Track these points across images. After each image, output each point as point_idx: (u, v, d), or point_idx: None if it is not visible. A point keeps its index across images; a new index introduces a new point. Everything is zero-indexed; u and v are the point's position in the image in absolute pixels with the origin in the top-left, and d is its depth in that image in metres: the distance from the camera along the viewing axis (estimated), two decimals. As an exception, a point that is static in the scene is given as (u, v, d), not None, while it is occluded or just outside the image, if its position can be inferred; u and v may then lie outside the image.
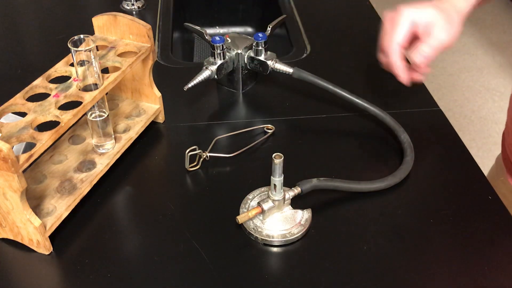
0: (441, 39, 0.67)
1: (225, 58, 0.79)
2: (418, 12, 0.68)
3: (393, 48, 0.69)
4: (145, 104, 0.76)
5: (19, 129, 0.55)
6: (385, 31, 0.71)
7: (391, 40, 0.69)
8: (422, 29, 0.68)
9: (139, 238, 0.61)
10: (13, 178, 0.52)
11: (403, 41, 0.68)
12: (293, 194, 0.61)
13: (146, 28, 0.67)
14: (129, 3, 1.10)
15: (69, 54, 0.64)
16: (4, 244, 0.60)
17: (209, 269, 0.57)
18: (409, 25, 0.68)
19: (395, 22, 0.69)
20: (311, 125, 0.78)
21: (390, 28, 0.69)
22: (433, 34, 0.67)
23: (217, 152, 0.71)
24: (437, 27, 0.67)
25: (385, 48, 0.70)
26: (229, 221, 0.61)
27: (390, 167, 0.69)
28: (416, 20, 0.68)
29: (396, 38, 0.68)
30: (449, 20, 0.68)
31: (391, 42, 0.69)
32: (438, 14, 0.67)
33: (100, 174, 0.65)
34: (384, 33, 0.71)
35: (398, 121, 0.73)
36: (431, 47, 0.67)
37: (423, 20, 0.68)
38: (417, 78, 0.73)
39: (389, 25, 0.70)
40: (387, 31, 0.70)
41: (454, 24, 0.68)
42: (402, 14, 0.68)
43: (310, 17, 1.07)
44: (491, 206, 0.64)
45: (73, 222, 0.62)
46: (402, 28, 0.68)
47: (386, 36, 0.70)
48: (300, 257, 0.59)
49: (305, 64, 0.90)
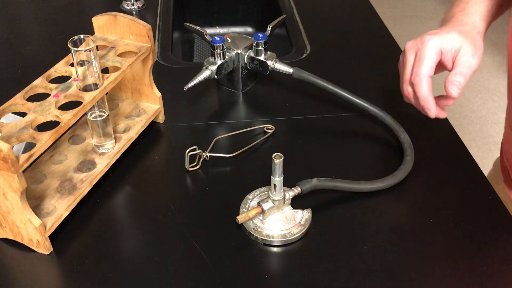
0: (472, 65, 0.64)
1: (225, 58, 0.79)
2: (443, 40, 0.64)
3: (423, 80, 0.64)
4: (145, 104, 0.76)
5: (19, 129, 0.55)
6: (408, 62, 0.67)
7: (420, 73, 0.64)
8: (450, 57, 0.65)
9: (139, 238, 0.61)
10: (13, 178, 0.52)
11: (432, 73, 0.65)
12: (293, 194, 0.61)
13: (146, 28, 0.67)
14: (129, 3, 1.10)
15: (69, 54, 0.64)
16: (4, 244, 0.60)
17: (209, 269, 0.57)
18: (436, 55, 0.64)
19: (422, 53, 0.64)
20: (311, 125, 0.78)
21: (418, 60, 0.65)
22: (463, 61, 0.64)
23: (217, 152, 0.71)
24: (466, 53, 0.64)
25: (413, 80, 0.65)
26: (229, 221, 0.61)
27: (390, 167, 0.69)
28: (442, 48, 0.64)
29: (424, 70, 0.64)
30: (475, 43, 0.65)
31: (420, 74, 0.64)
32: (464, 39, 0.65)
33: (100, 174, 0.65)
34: (406, 64, 0.67)
35: (398, 121, 0.73)
36: (464, 75, 0.63)
37: (449, 47, 0.64)
38: (442, 115, 0.69)
39: (411, 55, 0.66)
40: (411, 62, 0.66)
41: (479, 47, 0.66)
42: (428, 43, 0.64)
43: (310, 17, 1.07)
44: (491, 206, 0.64)
45: (73, 222, 0.62)
46: (430, 59, 0.64)
47: (412, 67, 0.66)
48: (300, 257, 0.59)
49: (305, 64, 0.90)
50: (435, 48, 0.64)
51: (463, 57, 0.64)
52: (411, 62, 0.66)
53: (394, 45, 0.98)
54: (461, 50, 0.64)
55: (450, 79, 0.64)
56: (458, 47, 0.64)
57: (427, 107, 0.65)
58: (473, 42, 0.65)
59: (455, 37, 0.65)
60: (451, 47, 0.64)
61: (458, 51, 0.64)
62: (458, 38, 0.65)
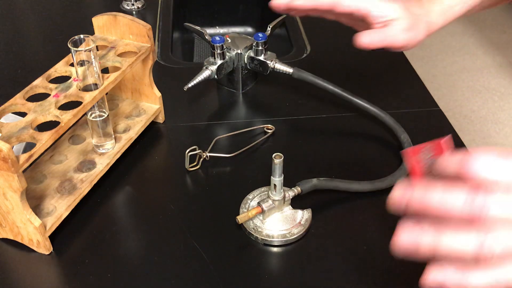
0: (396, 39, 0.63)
1: (225, 58, 0.79)
2: (381, 4, 0.63)
3: None
4: (145, 104, 0.76)
5: (19, 129, 0.55)
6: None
7: None
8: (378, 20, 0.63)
9: (139, 238, 0.61)
10: (13, 178, 0.52)
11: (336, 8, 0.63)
12: (293, 194, 0.61)
13: (146, 28, 0.67)
14: (129, 3, 1.10)
15: (69, 54, 0.64)
16: (4, 244, 0.60)
17: (209, 269, 0.57)
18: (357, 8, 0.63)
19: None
20: (311, 125, 0.78)
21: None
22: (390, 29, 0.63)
23: (217, 152, 0.71)
24: (397, 26, 0.62)
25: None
26: (229, 221, 0.61)
27: (390, 167, 0.68)
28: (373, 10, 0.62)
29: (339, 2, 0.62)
30: (414, 26, 0.63)
31: None
32: (405, 15, 0.63)
33: (100, 174, 0.65)
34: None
35: (398, 121, 0.73)
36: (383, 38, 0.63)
37: (383, 13, 0.62)
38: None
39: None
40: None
41: (418, 33, 0.64)
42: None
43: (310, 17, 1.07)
44: (491, 206, 0.64)
45: (73, 222, 0.62)
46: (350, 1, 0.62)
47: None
48: (300, 257, 0.59)
49: (305, 64, 0.90)
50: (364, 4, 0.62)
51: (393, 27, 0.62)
52: None
53: (394, 45, 0.97)
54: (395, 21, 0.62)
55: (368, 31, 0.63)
56: (392, 18, 0.62)
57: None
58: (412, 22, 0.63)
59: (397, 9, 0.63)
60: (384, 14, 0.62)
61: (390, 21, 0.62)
62: (399, 11, 0.63)
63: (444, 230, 0.34)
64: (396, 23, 0.63)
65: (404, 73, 0.90)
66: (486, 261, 0.33)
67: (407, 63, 0.92)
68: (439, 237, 0.34)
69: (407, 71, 0.90)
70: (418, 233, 0.35)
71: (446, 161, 0.36)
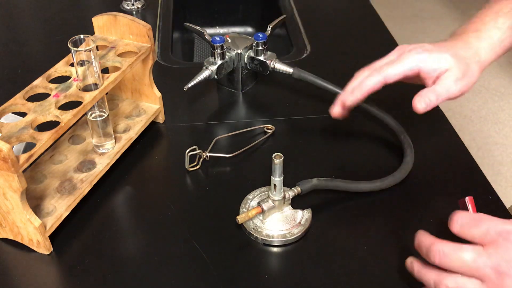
0: (451, 90, 0.61)
1: (225, 58, 0.79)
2: (431, 59, 0.62)
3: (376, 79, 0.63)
4: (145, 104, 0.76)
5: (19, 129, 0.55)
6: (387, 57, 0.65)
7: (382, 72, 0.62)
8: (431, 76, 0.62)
9: (139, 238, 0.61)
10: (13, 178, 0.52)
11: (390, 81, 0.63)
12: (293, 194, 0.61)
13: (146, 28, 0.67)
14: (129, 3, 1.10)
15: (69, 54, 0.64)
16: (4, 244, 0.60)
17: (209, 269, 0.57)
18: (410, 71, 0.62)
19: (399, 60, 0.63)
20: (311, 125, 0.78)
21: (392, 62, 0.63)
22: (443, 82, 0.61)
23: (217, 152, 0.71)
24: (450, 76, 0.61)
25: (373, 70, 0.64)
26: (229, 221, 0.61)
27: (390, 167, 0.68)
28: (422, 67, 0.62)
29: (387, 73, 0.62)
30: (466, 71, 0.62)
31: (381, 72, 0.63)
32: (456, 62, 0.62)
33: (100, 174, 0.65)
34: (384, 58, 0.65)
35: (398, 121, 0.73)
36: (438, 95, 0.61)
37: (433, 68, 0.62)
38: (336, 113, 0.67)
39: (395, 53, 0.65)
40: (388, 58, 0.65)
41: (471, 76, 0.62)
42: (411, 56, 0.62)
43: (310, 17, 1.07)
44: (491, 206, 0.64)
45: (73, 222, 0.62)
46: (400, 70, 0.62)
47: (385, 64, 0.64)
48: (300, 257, 0.59)
49: (305, 64, 0.90)
50: (413, 64, 0.62)
51: (445, 79, 0.62)
52: (388, 59, 0.65)
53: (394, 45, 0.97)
54: (447, 72, 0.62)
55: (422, 93, 0.62)
56: (444, 69, 0.62)
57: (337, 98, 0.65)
58: (464, 68, 0.62)
59: (446, 59, 0.62)
60: (435, 68, 0.62)
61: (443, 72, 0.62)
62: (449, 60, 0.62)
63: None
64: (449, 74, 0.62)
65: (404, 73, 0.90)
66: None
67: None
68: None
69: (407, 71, 0.90)
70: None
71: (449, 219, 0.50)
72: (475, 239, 0.48)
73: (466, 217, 0.49)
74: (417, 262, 0.52)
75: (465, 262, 0.47)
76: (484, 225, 0.47)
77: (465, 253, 0.47)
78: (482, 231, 0.47)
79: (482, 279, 0.46)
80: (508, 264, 0.45)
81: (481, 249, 0.47)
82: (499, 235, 0.46)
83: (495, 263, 0.46)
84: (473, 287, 0.47)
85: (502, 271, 0.45)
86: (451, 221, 0.50)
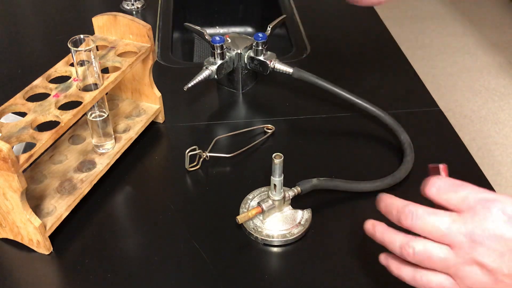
0: None
1: (225, 58, 0.79)
2: None
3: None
4: (145, 104, 0.76)
5: (19, 129, 0.55)
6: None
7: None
8: None
9: (139, 238, 0.61)
10: (13, 178, 0.52)
11: None
12: (293, 194, 0.61)
13: (146, 28, 0.67)
14: (129, 3, 1.10)
15: (69, 54, 0.64)
16: (4, 244, 0.60)
17: (209, 269, 0.57)
18: None
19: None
20: (311, 125, 0.78)
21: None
22: None
23: (217, 152, 0.71)
24: None
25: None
26: (229, 221, 0.61)
27: (390, 167, 0.68)
28: None
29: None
30: None
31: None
32: None
33: (100, 174, 0.65)
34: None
35: (398, 121, 0.73)
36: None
37: None
38: None
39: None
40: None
41: None
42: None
43: (310, 17, 1.07)
44: (491, 206, 0.64)
45: (73, 222, 0.62)
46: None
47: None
48: (300, 257, 0.59)
49: (305, 64, 0.90)
50: None
51: None
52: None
53: (394, 45, 0.98)
54: None
55: None
56: None
57: None
58: None
59: None
60: None
61: None
62: None
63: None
64: None
65: (404, 73, 0.90)
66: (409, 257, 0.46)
67: (407, 63, 0.92)
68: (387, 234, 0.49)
69: (407, 71, 0.90)
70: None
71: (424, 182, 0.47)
72: (450, 205, 0.45)
73: (445, 182, 0.45)
74: (380, 224, 0.49)
75: (438, 226, 0.44)
76: (463, 191, 0.44)
77: (439, 217, 0.44)
78: (460, 196, 0.44)
79: (452, 245, 0.44)
80: (484, 232, 0.42)
81: (456, 215, 0.44)
82: (478, 203, 0.43)
83: (470, 231, 0.43)
84: (442, 252, 0.44)
85: (476, 239, 0.42)
86: (427, 185, 0.46)
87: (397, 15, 2.81)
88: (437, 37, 2.65)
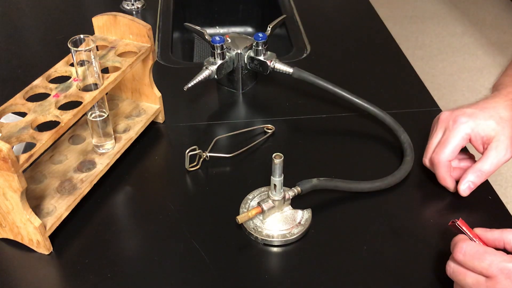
0: (501, 159, 0.61)
1: (225, 58, 0.79)
2: (478, 126, 0.62)
3: (441, 164, 0.63)
4: (145, 104, 0.76)
5: (19, 129, 0.55)
6: (435, 137, 0.65)
7: (440, 158, 0.63)
8: (480, 142, 0.63)
9: (139, 238, 0.61)
10: (13, 178, 0.52)
11: (453, 157, 0.63)
12: (293, 194, 0.61)
13: (146, 28, 0.67)
14: (129, 3, 1.10)
15: (69, 54, 0.64)
16: (4, 244, 0.60)
17: (209, 269, 0.57)
18: (462, 140, 0.62)
19: (450, 136, 0.63)
20: (311, 125, 0.78)
21: (443, 141, 0.63)
22: (491, 154, 0.61)
23: (217, 152, 0.71)
24: (498, 145, 0.61)
25: (433, 159, 0.64)
26: (229, 221, 0.61)
27: (390, 167, 0.69)
28: (473, 134, 0.62)
29: (445, 156, 0.62)
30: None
31: (440, 159, 0.63)
32: (501, 128, 0.61)
33: (100, 174, 0.65)
34: (433, 138, 0.65)
35: (398, 121, 0.73)
36: (482, 174, 0.62)
37: (481, 134, 0.62)
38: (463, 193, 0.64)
39: (441, 130, 0.65)
40: (437, 138, 0.65)
41: None
42: (459, 127, 0.62)
43: (310, 17, 1.07)
44: (491, 206, 0.64)
45: (73, 222, 0.62)
46: (454, 144, 0.62)
47: (437, 145, 0.64)
48: (300, 257, 0.59)
49: (305, 64, 0.90)
50: (464, 133, 0.62)
51: (494, 149, 0.61)
52: (437, 139, 0.65)
53: (394, 45, 0.98)
54: (494, 140, 0.62)
55: (466, 178, 0.62)
56: (491, 136, 0.62)
57: (445, 185, 0.65)
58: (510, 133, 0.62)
59: (492, 126, 0.62)
60: (483, 134, 0.62)
61: (491, 139, 0.62)
62: (495, 127, 0.62)
63: None
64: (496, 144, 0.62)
65: (404, 73, 0.90)
66: None
67: (407, 63, 0.92)
68: None
69: (407, 71, 0.90)
70: None
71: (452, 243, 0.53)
72: (477, 271, 0.49)
73: (472, 247, 0.50)
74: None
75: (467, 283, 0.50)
76: (487, 260, 0.48)
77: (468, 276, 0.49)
78: (484, 265, 0.48)
79: None
80: None
81: (483, 279, 0.48)
82: (501, 272, 0.47)
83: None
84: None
85: None
86: (456, 249, 0.50)
87: (397, 15, 2.82)
88: (437, 37, 2.65)
